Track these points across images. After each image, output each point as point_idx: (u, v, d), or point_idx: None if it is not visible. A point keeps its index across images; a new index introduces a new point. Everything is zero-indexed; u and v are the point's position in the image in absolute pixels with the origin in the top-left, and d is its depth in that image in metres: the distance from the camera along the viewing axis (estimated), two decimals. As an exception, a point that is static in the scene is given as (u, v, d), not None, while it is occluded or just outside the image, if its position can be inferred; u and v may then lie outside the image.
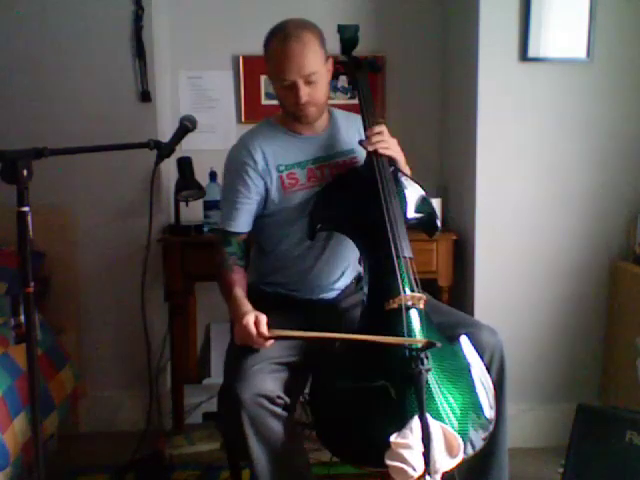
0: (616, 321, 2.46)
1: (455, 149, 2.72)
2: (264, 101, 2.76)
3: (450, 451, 1.43)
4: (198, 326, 2.87)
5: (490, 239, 2.45)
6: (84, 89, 2.59)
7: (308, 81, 1.73)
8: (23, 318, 1.38)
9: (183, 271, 2.51)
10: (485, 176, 2.42)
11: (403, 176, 1.87)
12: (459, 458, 1.43)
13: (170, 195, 2.65)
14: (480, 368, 1.64)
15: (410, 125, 2.78)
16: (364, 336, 1.57)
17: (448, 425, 1.46)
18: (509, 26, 2.33)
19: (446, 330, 1.69)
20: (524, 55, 2.34)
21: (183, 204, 2.53)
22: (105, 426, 2.71)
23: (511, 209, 2.44)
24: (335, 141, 1.92)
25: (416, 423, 1.41)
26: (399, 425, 1.42)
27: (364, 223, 1.77)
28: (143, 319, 2.09)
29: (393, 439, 1.40)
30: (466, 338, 1.68)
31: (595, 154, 2.42)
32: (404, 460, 1.37)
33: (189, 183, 2.42)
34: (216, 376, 2.77)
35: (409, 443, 1.39)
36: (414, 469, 1.37)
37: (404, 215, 1.77)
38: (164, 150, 1.55)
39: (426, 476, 1.37)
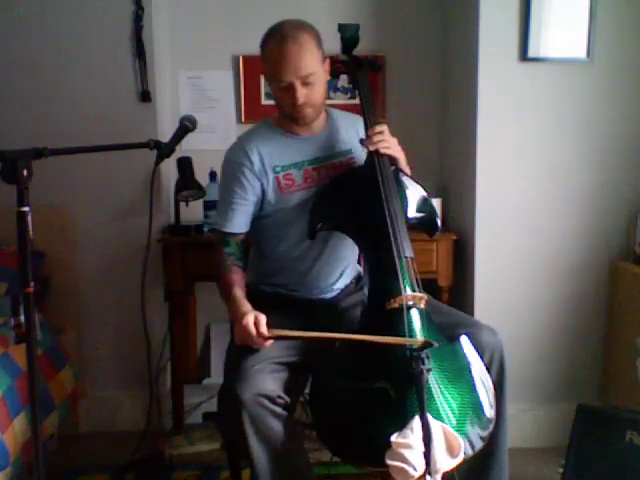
0: (616, 321, 2.46)
1: (455, 149, 2.72)
2: (264, 101, 2.76)
3: (451, 451, 1.42)
4: (198, 326, 2.87)
5: (490, 239, 2.45)
6: (84, 89, 2.59)
7: (305, 82, 1.73)
8: (23, 318, 1.38)
9: (183, 271, 2.51)
10: (485, 176, 2.42)
11: (404, 176, 1.87)
12: (460, 458, 1.43)
13: (170, 195, 2.66)
14: (480, 367, 1.64)
15: (410, 125, 2.78)
16: (363, 336, 1.57)
17: (448, 425, 1.46)
18: (509, 26, 2.33)
19: (446, 330, 1.69)
20: (524, 55, 2.34)
21: (183, 204, 2.53)
22: (105, 426, 2.72)
23: (511, 209, 2.44)
24: (332, 142, 1.92)
25: (417, 423, 1.41)
26: (399, 425, 1.42)
27: (365, 222, 1.77)
28: (143, 319, 2.09)
29: (394, 439, 1.40)
30: (466, 338, 1.68)
31: (595, 154, 2.42)
32: (405, 460, 1.37)
33: (189, 183, 2.42)
34: (216, 376, 2.77)
35: (410, 443, 1.38)
36: (415, 469, 1.37)
37: (405, 214, 1.77)
38: (164, 150, 1.55)
39: (426, 476, 1.37)
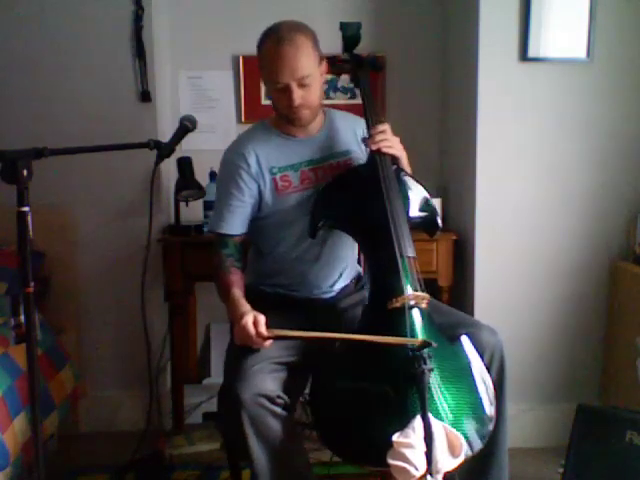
0: (616, 321, 2.46)
1: (455, 149, 2.72)
2: (264, 101, 2.76)
3: (452, 451, 1.42)
4: (198, 326, 2.87)
5: (490, 239, 2.45)
6: (84, 89, 2.59)
7: (301, 84, 1.72)
8: (23, 318, 1.38)
9: (183, 271, 2.51)
10: (485, 176, 2.42)
11: (405, 175, 1.86)
12: (461, 458, 1.43)
13: (170, 195, 2.66)
14: (481, 366, 1.64)
15: (410, 125, 2.77)
16: (361, 336, 1.57)
17: (448, 425, 1.45)
18: (509, 26, 2.33)
19: (447, 330, 1.69)
20: (524, 55, 2.34)
21: (183, 204, 2.53)
22: (105, 426, 2.72)
23: (511, 209, 2.44)
24: (330, 142, 1.91)
25: (418, 422, 1.40)
26: (400, 424, 1.42)
27: (366, 221, 1.76)
28: (143, 319, 2.09)
29: (395, 438, 1.40)
30: (467, 338, 1.68)
31: (595, 154, 2.42)
32: (406, 459, 1.37)
33: (189, 183, 2.42)
34: (216, 376, 2.77)
35: (411, 442, 1.38)
36: (416, 468, 1.37)
37: (407, 214, 1.77)
38: (164, 150, 1.55)
39: (428, 476, 1.37)
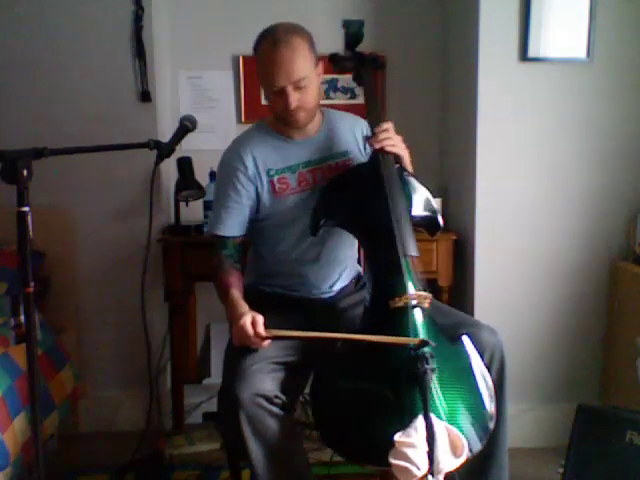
0: (616, 321, 2.46)
1: (455, 149, 2.72)
2: (264, 101, 2.72)
3: (454, 451, 1.42)
4: (198, 326, 2.87)
5: (490, 239, 2.45)
6: (84, 89, 2.59)
7: (298, 87, 1.72)
8: (23, 318, 1.38)
9: (183, 271, 2.51)
10: (485, 176, 2.42)
11: (408, 174, 1.86)
12: (463, 458, 1.43)
13: (170, 195, 2.65)
14: (481, 364, 1.64)
15: (410, 125, 2.74)
16: (358, 335, 1.57)
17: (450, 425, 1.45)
18: (509, 26, 2.33)
19: (447, 330, 1.68)
20: (524, 55, 2.34)
21: (183, 204, 2.53)
22: (105, 426, 2.72)
23: (511, 209, 2.44)
24: (328, 143, 1.91)
25: (420, 422, 1.40)
26: (401, 424, 1.42)
27: (369, 220, 1.76)
28: (143, 319, 2.09)
29: (397, 438, 1.40)
30: (467, 338, 1.67)
31: (595, 154, 2.42)
32: (408, 459, 1.37)
33: (189, 183, 2.42)
34: (216, 376, 2.77)
35: (414, 442, 1.38)
36: (418, 468, 1.37)
37: (409, 213, 1.76)
38: (164, 150, 1.55)
39: (429, 476, 1.37)
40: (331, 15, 2.61)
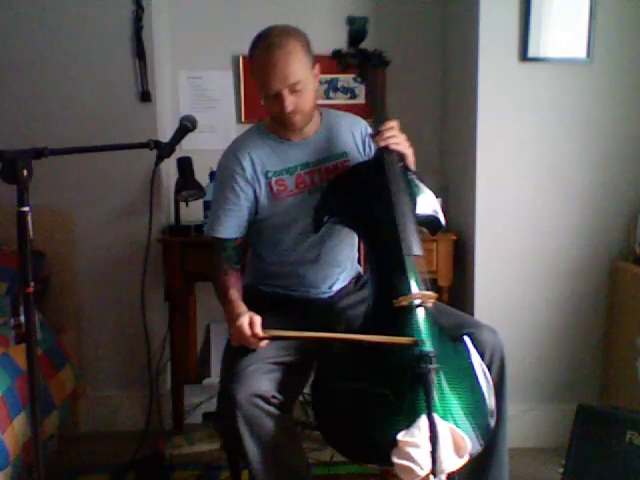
0: (616, 321, 2.46)
1: (455, 149, 2.72)
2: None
3: (457, 451, 1.42)
4: (198, 326, 2.87)
5: (490, 239, 2.45)
6: (84, 89, 2.59)
7: (293, 90, 1.71)
8: (23, 318, 1.38)
9: (183, 271, 2.51)
10: (485, 176, 2.42)
11: (412, 173, 1.86)
12: (465, 458, 1.43)
13: (170, 195, 2.66)
14: (481, 362, 1.64)
15: (410, 125, 2.75)
16: (355, 335, 1.58)
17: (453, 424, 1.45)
18: (509, 26, 2.33)
19: (448, 330, 1.68)
20: (524, 55, 2.34)
21: (183, 204, 2.53)
22: (105, 426, 2.72)
23: (511, 209, 2.44)
24: (326, 145, 1.90)
25: (424, 422, 1.40)
26: (403, 424, 1.42)
27: (372, 219, 1.75)
28: (143, 319, 2.08)
29: (401, 437, 1.40)
30: (468, 338, 1.67)
31: (595, 154, 2.42)
32: (412, 459, 1.37)
33: (189, 183, 2.42)
34: (216, 376, 2.76)
35: (417, 442, 1.38)
36: (421, 468, 1.37)
37: (413, 211, 1.75)
38: (164, 150, 1.55)
39: (431, 476, 1.37)
40: (331, 15, 2.61)
